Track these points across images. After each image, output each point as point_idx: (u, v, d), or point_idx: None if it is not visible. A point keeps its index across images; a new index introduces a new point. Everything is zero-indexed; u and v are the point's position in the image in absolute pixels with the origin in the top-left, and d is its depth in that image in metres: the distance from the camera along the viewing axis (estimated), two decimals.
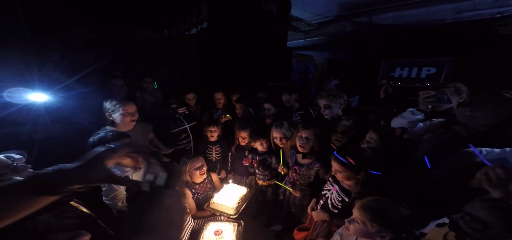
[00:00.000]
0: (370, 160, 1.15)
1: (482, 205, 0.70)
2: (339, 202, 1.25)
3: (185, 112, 2.16)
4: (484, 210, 0.68)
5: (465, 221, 0.71)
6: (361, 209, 0.89)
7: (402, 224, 0.81)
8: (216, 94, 2.57)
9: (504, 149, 0.99)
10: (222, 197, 1.53)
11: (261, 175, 1.99)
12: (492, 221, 0.65)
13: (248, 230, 1.57)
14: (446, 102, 1.40)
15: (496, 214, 0.65)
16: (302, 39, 6.48)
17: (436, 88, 1.46)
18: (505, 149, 0.99)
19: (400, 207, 0.83)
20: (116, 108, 1.55)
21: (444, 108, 1.45)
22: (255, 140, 1.91)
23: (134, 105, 1.67)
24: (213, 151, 2.16)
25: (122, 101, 1.60)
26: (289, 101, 2.44)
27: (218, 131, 2.10)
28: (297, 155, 1.70)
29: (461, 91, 1.43)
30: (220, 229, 1.32)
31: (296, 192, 1.64)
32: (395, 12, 5.04)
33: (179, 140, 2.15)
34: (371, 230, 0.84)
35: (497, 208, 0.66)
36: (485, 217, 0.67)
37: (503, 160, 0.97)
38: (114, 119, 1.56)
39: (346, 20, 5.66)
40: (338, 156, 1.19)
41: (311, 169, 1.62)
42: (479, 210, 0.69)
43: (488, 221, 0.66)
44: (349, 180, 1.21)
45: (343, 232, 1.11)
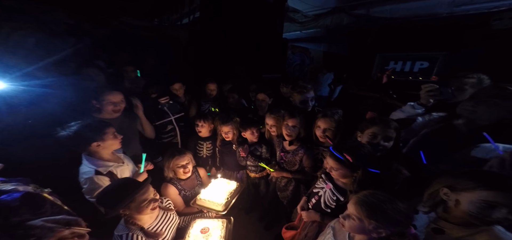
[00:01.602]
0: (368, 157, 1.07)
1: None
2: (334, 201, 1.18)
3: (169, 103, 2.03)
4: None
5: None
6: (358, 205, 0.83)
7: (400, 219, 0.76)
8: (210, 85, 2.45)
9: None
10: (210, 193, 1.45)
11: (252, 166, 1.93)
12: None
13: (241, 226, 1.53)
14: (450, 96, 1.35)
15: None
16: (298, 31, 6.35)
17: (456, 78, 1.40)
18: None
19: (397, 202, 0.79)
20: (99, 95, 1.52)
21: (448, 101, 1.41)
22: (245, 129, 1.84)
23: (120, 94, 1.60)
24: (204, 147, 2.05)
25: (107, 90, 1.56)
26: (287, 93, 2.41)
27: (207, 125, 1.98)
28: (283, 143, 1.73)
29: (483, 83, 1.35)
30: (206, 227, 1.25)
31: (275, 173, 1.71)
32: (392, 5, 4.96)
33: (165, 132, 2.02)
34: (368, 226, 0.80)
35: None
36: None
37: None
38: (100, 106, 1.54)
39: (343, 12, 5.54)
40: (335, 152, 1.10)
41: (296, 155, 1.64)
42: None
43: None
44: (345, 178, 1.13)
45: (336, 225, 1.06)
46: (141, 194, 1.01)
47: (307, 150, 1.61)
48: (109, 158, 1.27)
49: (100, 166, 1.20)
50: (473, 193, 0.75)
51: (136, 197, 0.98)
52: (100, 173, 1.18)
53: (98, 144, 1.19)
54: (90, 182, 1.13)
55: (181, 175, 1.56)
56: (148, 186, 1.06)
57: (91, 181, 1.13)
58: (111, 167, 1.23)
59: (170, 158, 1.52)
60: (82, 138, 1.17)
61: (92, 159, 1.20)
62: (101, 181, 1.16)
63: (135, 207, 1.00)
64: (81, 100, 1.57)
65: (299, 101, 1.91)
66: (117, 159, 1.34)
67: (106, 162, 1.23)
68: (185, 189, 1.59)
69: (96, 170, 1.17)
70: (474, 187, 0.75)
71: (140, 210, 1.01)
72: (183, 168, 1.53)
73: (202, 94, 2.53)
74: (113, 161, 1.28)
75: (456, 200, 0.80)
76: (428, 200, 0.90)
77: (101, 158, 1.23)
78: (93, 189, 1.13)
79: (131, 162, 1.45)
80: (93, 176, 1.15)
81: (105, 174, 1.19)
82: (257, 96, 2.22)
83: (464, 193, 0.78)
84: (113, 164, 1.25)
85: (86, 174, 1.16)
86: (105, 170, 1.20)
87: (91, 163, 1.18)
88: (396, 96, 1.73)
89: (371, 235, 0.82)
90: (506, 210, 0.70)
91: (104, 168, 1.20)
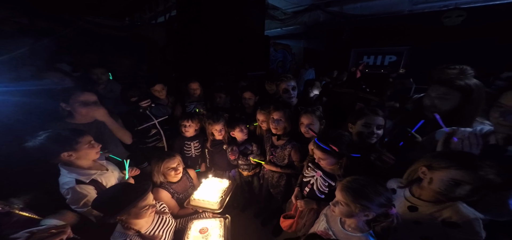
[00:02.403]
0: (350, 143, 1.17)
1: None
2: (326, 186, 1.26)
3: (151, 106, 1.91)
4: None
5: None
6: (343, 191, 0.90)
7: (382, 201, 0.84)
8: (192, 84, 2.35)
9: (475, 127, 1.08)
10: (203, 193, 1.42)
11: (244, 165, 1.93)
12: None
13: (237, 223, 1.52)
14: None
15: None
16: (279, 28, 6.48)
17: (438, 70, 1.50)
18: (475, 128, 1.07)
19: (377, 185, 0.87)
20: (68, 97, 1.36)
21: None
22: (233, 128, 1.83)
23: (93, 95, 1.45)
24: (191, 147, 1.99)
25: (77, 90, 1.40)
26: (272, 90, 2.43)
27: (194, 125, 1.92)
28: (272, 138, 1.75)
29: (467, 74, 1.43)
30: (205, 227, 1.22)
31: (266, 165, 1.74)
32: (362, 3, 5.38)
33: (149, 137, 1.90)
34: (355, 210, 0.86)
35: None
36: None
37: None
38: (71, 109, 1.38)
39: (319, 9, 5.82)
40: (320, 143, 1.17)
41: (285, 149, 1.68)
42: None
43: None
44: (332, 166, 1.21)
45: (328, 212, 1.13)
46: (143, 200, 0.97)
47: (295, 145, 1.65)
48: (90, 166, 1.16)
49: (80, 175, 1.09)
50: (446, 172, 0.81)
51: (138, 203, 0.94)
52: (82, 182, 1.07)
53: (70, 154, 1.07)
54: (73, 192, 1.03)
55: (172, 177, 1.50)
56: (150, 192, 1.02)
57: (74, 191, 1.03)
58: (93, 175, 1.13)
59: (159, 161, 1.45)
60: (48, 150, 1.04)
61: (71, 168, 1.08)
62: (84, 190, 1.06)
63: (134, 212, 0.95)
64: (46, 106, 1.40)
65: (282, 91, 1.95)
66: (100, 167, 1.23)
67: (87, 171, 1.13)
68: (177, 192, 1.53)
69: (76, 180, 1.06)
70: (447, 166, 0.81)
71: (138, 216, 0.97)
72: (174, 170, 1.48)
73: (185, 95, 2.43)
74: (96, 169, 1.17)
75: (430, 178, 0.87)
76: (408, 177, 0.99)
77: (80, 167, 1.12)
78: (78, 199, 1.03)
79: (116, 168, 1.35)
80: (75, 186, 1.05)
81: (88, 182, 1.09)
82: (244, 94, 2.22)
83: (437, 172, 0.84)
84: (95, 172, 1.15)
85: (67, 184, 1.05)
86: (88, 179, 1.10)
87: (70, 173, 1.07)
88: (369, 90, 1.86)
89: (360, 218, 0.89)
90: (469, 187, 0.77)
91: (85, 176, 1.10)
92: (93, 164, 1.18)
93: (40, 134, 1.06)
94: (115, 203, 0.91)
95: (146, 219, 1.05)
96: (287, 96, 1.96)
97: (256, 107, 2.13)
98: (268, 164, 1.76)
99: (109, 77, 2.38)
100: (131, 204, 0.92)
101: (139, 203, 0.95)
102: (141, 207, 0.97)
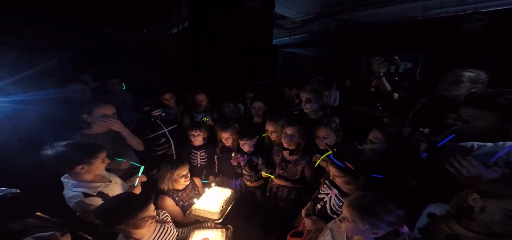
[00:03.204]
0: (369, 162, 1.09)
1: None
2: (339, 207, 1.18)
3: (162, 115, 2.00)
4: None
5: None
6: (350, 207, 0.86)
7: (392, 219, 0.79)
8: (198, 96, 2.44)
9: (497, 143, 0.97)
10: (205, 202, 1.44)
11: (248, 175, 1.93)
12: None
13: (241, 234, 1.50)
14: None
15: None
16: (287, 37, 6.54)
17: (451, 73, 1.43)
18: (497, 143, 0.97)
19: (388, 203, 0.82)
20: (92, 110, 1.45)
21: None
22: (241, 138, 1.84)
23: (113, 107, 1.55)
24: (198, 156, 2.03)
25: (98, 103, 1.49)
26: (290, 95, 2.53)
27: (202, 134, 1.97)
28: (283, 152, 1.68)
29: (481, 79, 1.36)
30: (206, 238, 1.23)
31: (276, 180, 1.67)
32: (372, 10, 5.29)
33: (159, 145, 1.98)
34: (363, 228, 0.82)
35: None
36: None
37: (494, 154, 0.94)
38: (91, 121, 1.47)
39: (328, 17, 5.82)
40: (335, 160, 1.11)
41: (298, 165, 1.60)
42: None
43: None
44: (349, 185, 1.14)
45: (334, 226, 1.08)
46: (144, 212, 0.99)
47: (309, 160, 1.55)
48: (94, 179, 1.20)
49: (87, 188, 1.13)
50: (505, 201, 0.68)
51: (137, 215, 0.96)
52: (89, 194, 1.12)
53: (83, 167, 1.11)
54: (83, 205, 1.07)
55: (180, 185, 1.54)
56: (151, 203, 1.04)
57: (83, 204, 1.07)
58: (99, 187, 1.17)
59: (173, 168, 1.48)
60: (69, 159, 1.09)
61: (77, 182, 1.13)
62: (93, 202, 1.10)
63: (133, 223, 0.97)
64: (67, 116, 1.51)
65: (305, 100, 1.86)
66: (103, 179, 1.27)
67: (92, 184, 1.17)
68: (182, 200, 1.56)
69: (84, 193, 1.11)
70: (509, 194, 0.67)
71: (138, 226, 0.99)
72: (184, 177, 1.53)
73: (193, 105, 2.52)
74: (100, 181, 1.22)
75: (482, 207, 0.73)
76: (456, 203, 0.83)
77: (85, 180, 1.16)
78: (89, 211, 1.06)
79: (118, 178, 1.39)
80: (83, 199, 1.09)
81: (95, 195, 1.14)
82: (254, 104, 2.22)
83: (493, 200, 0.70)
84: (100, 184, 1.19)
85: (74, 198, 1.09)
86: (94, 191, 1.14)
87: (75, 187, 1.11)
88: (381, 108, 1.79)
89: (368, 235, 0.84)
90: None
91: (92, 189, 1.14)
92: (96, 177, 1.22)
93: (60, 143, 1.14)
94: (115, 214, 0.93)
95: (147, 229, 1.08)
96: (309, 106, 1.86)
97: (265, 117, 2.13)
98: (277, 178, 1.69)
99: (123, 87, 2.53)
100: (130, 216, 0.94)
101: (138, 215, 0.97)
102: (140, 219, 0.99)
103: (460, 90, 1.41)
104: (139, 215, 0.97)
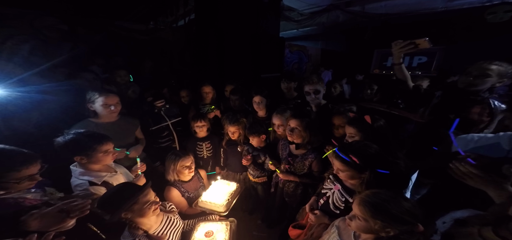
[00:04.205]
0: (376, 157, 1.03)
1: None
2: (342, 202, 1.16)
3: (165, 107, 2.00)
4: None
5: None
6: (361, 205, 0.82)
7: (405, 218, 0.75)
8: (204, 88, 2.42)
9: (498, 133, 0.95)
10: (211, 195, 1.45)
11: (252, 171, 1.92)
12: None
13: (244, 227, 1.51)
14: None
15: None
16: (295, 29, 6.35)
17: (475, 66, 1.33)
18: (498, 134, 0.94)
19: (401, 200, 0.78)
20: (95, 98, 1.48)
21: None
22: (253, 134, 1.80)
23: (116, 96, 1.57)
24: (203, 148, 2.04)
25: (103, 92, 1.52)
26: (288, 89, 2.37)
27: (207, 125, 1.97)
28: (290, 146, 1.65)
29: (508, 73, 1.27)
30: (211, 230, 1.24)
31: (281, 175, 1.64)
32: (387, 1, 5.00)
33: (162, 137, 1.99)
34: (374, 226, 0.79)
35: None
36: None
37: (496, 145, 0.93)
38: (95, 110, 1.50)
39: (339, 10, 5.56)
40: (340, 153, 1.07)
41: (305, 160, 1.57)
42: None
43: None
44: (352, 179, 1.10)
45: (341, 224, 1.05)
46: (144, 196, 0.99)
47: (317, 156, 1.52)
48: (100, 169, 1.23)
49: (93, 177, 1.16)
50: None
51: (139, 199, 0.97)
52: (94, 183, 1.15)
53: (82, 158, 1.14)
54: (87, 194, 1.09)
55: (185, 176, 1.55)
56: (149, 188, 1.05)
57: (88, 193, 1.10)
58: (104, 177, 1.20)
59: (177, 159, 1.49)
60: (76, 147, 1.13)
61: (84, 171, 1.16)
62: (98, 191, 1.12)
63: (138, 209, 0.98)
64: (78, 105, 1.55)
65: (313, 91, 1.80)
66: (109, 169, 1.30)
67: (98, 173, 1.20)
68: (188, 191, 1.58)
69: (89, 181, 1.14)
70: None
71: (143, 213, 1.00)
72: (188, 169, 1.53)
73: (199, 98, 2.51)
74: (105, 171, 1.24)
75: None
76: (495, 211, 0.76)
77: (92, 169, 1.19)
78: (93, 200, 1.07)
79: (123, 169, 1.41)
80: (89, 187, 1.12)
81: (100, 184, 1.16)
82: (254, 98, 2.14)
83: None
84: (106, 174, 1.22)
85: (80, 186, 1.12)
86: (99, 180, 1.17)
87: (82, 175, 1.15)
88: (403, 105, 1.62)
89: (379, 234, 0.80)
90: None
91: (97, 178, 1.17)
92: (102, 167, 1.25)
93: (71, 131, 1.17)
94: (117, 201, 0.94)
95: (154, 219, 1.09)
96: (309, 99, 1.84)
97: (268, 110, 2.09)
98: (283, 174, 1.65)
99: (130, 79, 2.55)
100: (131, 199, 0.94)
101: (140, 199, 0.97)
102: (143, 203, 0.99)
103: (485, 84, 1.31)
104: (140, 198, 0.97)
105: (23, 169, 0.88)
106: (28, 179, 0.90)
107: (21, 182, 0.87)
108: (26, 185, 0.90)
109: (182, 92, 2.38)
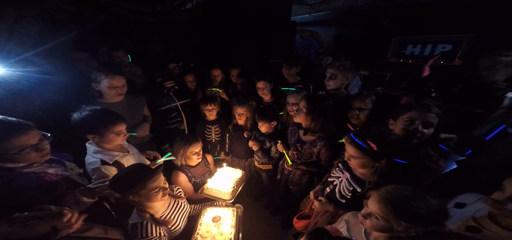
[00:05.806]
0: (396, 145, 0.94)
1: None
2: (350, 191, 1.10)
3: (175, 88, 1.97)
4: None
5: None
6: (381, 203, 0.73)
7: (433, 218, 0.66)
8: (214, 71, 2.35)
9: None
10: (216, 182, 1.44)
11: (258, 157, 1.89)
12: None
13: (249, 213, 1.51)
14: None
15: None
16: (307, 14, 5.98)
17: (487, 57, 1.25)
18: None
19: (428, 198, 0.68)
20: (101, 79, 1.46)
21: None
22: (264, 119, 1.74)
23: (123, 78, 1.55)
24: (212, 131, 2.01)
25: (109, 73, 1.49)
26: (289, 75, 2.19)
27: (217, 108, 1.93)
28: (299, 131, 1.59)
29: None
30: (218, 215, 1.23)
31: (289, 166, 1.58)
32: None
33: (170, 118, 1.98)
34: (397, 228, 0.70)
35: None
36: None
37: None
38: (101, 90, 1.49)
39: None
40: (356, 138, 0.99)
41: (314, 147, 1.51)
42: None
43: None
44: (364, 168, 1.03)
45: (351, 219, 1.00)
46: (152, 181, 0.98)
47: (326, 143, 1.47)
48: (113, 148, 1.23)
49: (105, 155, 1.16)
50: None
51: (147, 184, 0.96)
52: (106, 162, 1.15)
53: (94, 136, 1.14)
54: (98, 172, 1.10)
55: (193, 161, 1.54)
56: (160, 174, 1.03)
57: (99, 171, 1.11)
58: (116, 156, 1.20)
59: (186, 144, 1.47)
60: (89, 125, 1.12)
61: (97, 149, 1.16)
62: (108, 171, 1.13)
63: (145, 194, 0.97)
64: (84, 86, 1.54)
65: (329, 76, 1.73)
66: (122, 149, 1.30)
67: (111, 152, 1.20)
68: (195, 176, 1.58)
69: (101, 160, 1.14)
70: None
71: (150, 198, 0.99)
72: (197, 155, 1.52)
73: (207, 81, 2.45)
74: (118, 151, 1.24)
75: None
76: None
77: (105, 148, 1.19)
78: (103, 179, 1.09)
79: (135, 150, 1.41)
80: (100, 166, 1.12)
81: (112, 163, 1.17)
82: (257, 84, 2.05)
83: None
84: (118, 154, 1.22)
85: (92, 164, 1.13)
86: (111, 159, 1.17)
87: (95, 153, 1.15)
88: (435, 94, 1.41)
89: (398, 234, 0.71)
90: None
91: (109, 157, 1.17)
92: (116, 146, 1.25)
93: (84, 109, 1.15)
94: (126, 183, 0.93)
95: (162, 203, 1.08)
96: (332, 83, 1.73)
97: (274, 95, 2.04)
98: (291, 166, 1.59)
99: (129, 59, 2.45)
100: (139, 184, 0.93)
101: (148, 184, 0.96)
102: (151, 189, 0.97)
103: (495, 76, 1.25)
104: (148, 184, 0.96)
105: (14, 138, 0.81)
106: (34, 150, 0.88)
107: (23, 153, 0.84)
108: (34, 157, 0.89)
109: (188, 77, 2.30)
